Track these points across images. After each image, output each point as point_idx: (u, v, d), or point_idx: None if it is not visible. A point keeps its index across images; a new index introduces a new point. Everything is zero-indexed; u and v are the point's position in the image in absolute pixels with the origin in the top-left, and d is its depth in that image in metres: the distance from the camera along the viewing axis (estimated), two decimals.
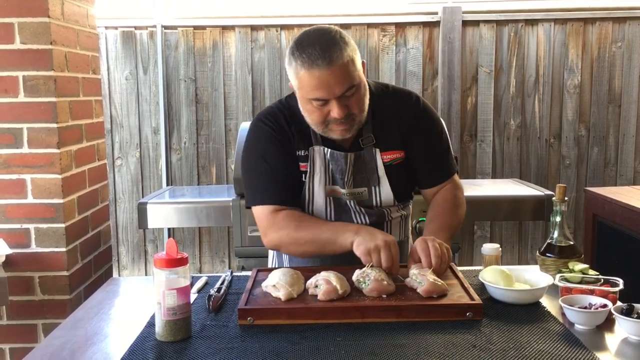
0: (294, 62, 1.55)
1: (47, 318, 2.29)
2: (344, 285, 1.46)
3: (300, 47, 1.54)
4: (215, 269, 3.71)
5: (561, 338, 1.27)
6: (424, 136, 1.75)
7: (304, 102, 1.60)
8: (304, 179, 1.70)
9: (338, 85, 1.52)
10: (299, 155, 1.70)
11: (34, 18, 2.16)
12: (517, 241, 3.72)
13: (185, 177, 3.68)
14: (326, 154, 1.69)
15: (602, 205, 2.92)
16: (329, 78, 1.51)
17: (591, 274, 1.51)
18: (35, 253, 2.26)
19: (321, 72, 1.50)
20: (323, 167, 1.70)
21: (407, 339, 1.27)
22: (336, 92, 1.53)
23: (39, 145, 2.21)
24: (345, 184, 1.70)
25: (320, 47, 1.51)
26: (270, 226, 1.68)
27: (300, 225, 1.65)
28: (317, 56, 1.50)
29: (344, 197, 1.72)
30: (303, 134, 1.70)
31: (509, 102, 3.65)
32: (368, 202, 1.73)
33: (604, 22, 3.59)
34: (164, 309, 1.28)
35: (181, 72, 3.61)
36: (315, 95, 1.54)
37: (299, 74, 1.54)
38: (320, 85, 1.52)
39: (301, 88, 1.57)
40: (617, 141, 3.67)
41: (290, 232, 1.65)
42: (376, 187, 1.72)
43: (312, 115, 1.60)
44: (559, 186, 1.67)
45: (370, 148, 1.71)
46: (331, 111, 1.55)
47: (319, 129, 1.63)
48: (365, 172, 1.71)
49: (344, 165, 1.69)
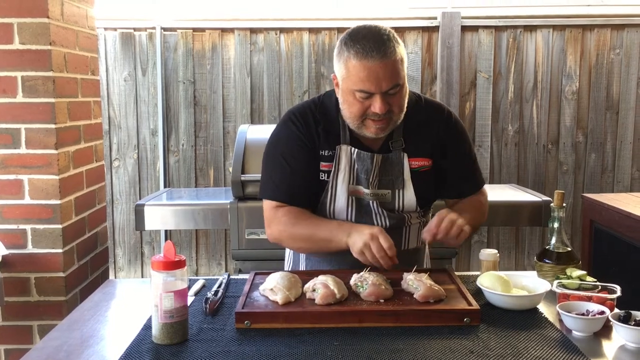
0: (346, 52, 1.57)
1: (43, 319, 2.28)
2: (341, 290, 1.46)
3: (354, 39, 1.56)
4: (212, 272, 3.70)
5: (558, 344, 1.27)
6: (455, 148, 1.79)
7: (346, 93, 1.62)
8: (326, 178, 1.72)
9: (386, 80, 1.55)
10: (322, 155, 1.72)
11: (33, 18, 2.15)
12: (514, 247, 3.72)
13: (183, 179, 3.67)
14: (353, 154, 1.71)
15: (599, 211, 2.93)
16: (379, 71, 1.54)
17: (589, 280, 1.51)
18: (31, 254, 2.25)
19: (373, 64, 1.53)
20: (348, 166, 1.71)
21: (404, 344, 1.27)
22: (383, 87, 1.56)
23: (36, 145, 2.21)
24: (369, 185, 1.71)
25: (375, 40, 1.54)
26: (271, 220, 1.73)
27: (297, 222, 1.68)
28: (372, 48, 1.53)
29: (366, 197, 1.73)
30: (330, 133, 1.72)
31: (507, 107, 3.65)
32: (390, 205, 1.74)
33: (603, 29, 3.60)
34: (161, 312, 1.28)
35: (180, 74, 3.61)
36: (363, 87, 1.56)
37: (349, 63, 1.56)
38: (370, 77, 1.54)
39: (348, 78, 1.58)
40: (614, 148, 3.68)
41: (288, 228, 1.69)
42: (400, 190, 1.73)
43: (351, 107, 1.61)
44: (557, 192, 1.67)
45: (399, 152, 1.73)
46: (372, 106, 1.58)
47: (355, 123, 1.64)
48: (391, 174, 1.73)
49: (370, 165, 1.70)
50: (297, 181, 1.72)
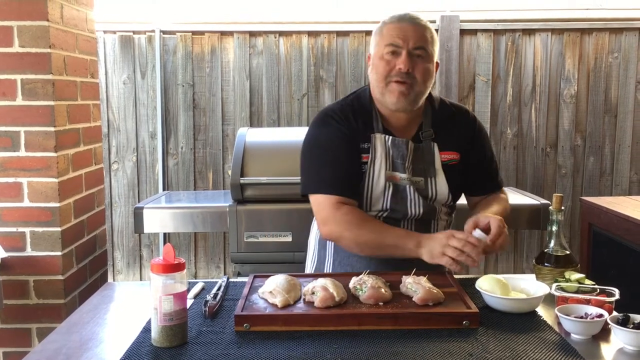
0: (383, 23, 1.78)
1: (42, 322, 2.28)
2: (340, 293, 1.46)
3: (392, 15, 1.78)
4: (210, 275, 3.70)
5: (557, 347, 1.27)
6: (480, 148, 1.89)
7: (377, 58, 1.75)
8: (365, 168, 1.78)
9: (414, 39, 1.71)
10: (362, 147, 1.78)
11: (33, 21, 2.16)
12: (513, 250, 3.72)
13: (182, 182, 3.67)
14: (387, 141, 1.78)
15: (597, 214, 2.93)
16: (409, 30, 1.72)
17: (587, 283, 1.51)
18: (30, 257, 2.25)
19: (404, 25, 1.73)
20: (384, 153, 1.77)
21: (403, 347, 1.27)
22: (410, 44, 1.71)
23: (36, 148, 2.21)
24: (405, 169, 1.78)
25: (411, 14, 1.77)
26: (331, 218, 1.74)
27: (362, 225, 1.72)
28: (407, 16, 1.76)
29: (403, 182, 1.78)
30: (367, 125, 1.80)
31: (506, 111, 3.66)
32: (424, 192, 1.80)
33: (601, 33, 3.61)
34: (161, 315, 1.28)
35: (179, 77, 3.61)
36: (392, 41, 1.71)
37: (384, 27, 1.76)
38: (399, 33, 1.72)
39: (381, 41, 1.75)
40: (612, 151, 3.68)
41: (353, 229, 1.71)
42: (433, 178, 1.80)
43: (378, 68, 1.74)
44: (555, 196, 1.68)
45: (429, 142, 1.81)
46: (397, 63, 1.70)
47: (381, 86, 1.74)
48: (423, 163, 1.80)
49: (405, 150, 1.78)
50: (346, 174, 1.77)
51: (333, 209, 1.74)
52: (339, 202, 1.74)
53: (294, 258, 2.72)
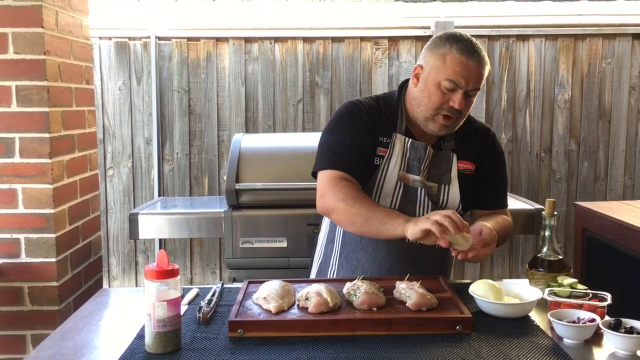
0: (448, 46, 1.72)
1: (36, 329, 2.28)
2: (334, 298, 1.46)
3: (456, 39, 1.73)
4: (206, 281, 3.70)
5: (550, 352, 1.28)
6: (494, 164, 1.92)
7: (431, 84, 1.73)
8: (380, 163, 1.80)
9: (474, 80, 1.72)
10: (381, 141, 1.81)
11: (28, 28, 2.16)
12: (508, 254, 3.73)
13: (178, 188, 3.67)
14: (407, 143, 1.81)
15: (591, 219, 2.94)
16: (473, 71, 1.71)
17: (580, 288, 1.52)
18: (25, 263, 2.25)
19: (472, 63, 1.70)
20: (401, 153, 1.80)
21: (396, 352, 1.27)
22: (470, 85, 1.71)
23: (30, 155, 2.21)
24: (420, 172, 1.80)
25: (477, 47, 1.74)
26: (328, 189, 1.76)
27: (357, 198, 1.72)
28: (474, 51, 1.72)
29: (415, 184, 1.80)
30: (390, 122, 1.83)
31: (501, 116, 3.68)
32: (435, 198, 1.82)
33: (594, 38, 3.63)
34: (154, 321, 1.28)
35: (174, 83, 3.61)
36: (455, 79, 1.70)
37: (448, 56, 1.71)
38: (465, 72, 1.70)
39: (442, 68, 1.71)
40: (607, 156, 3.70)
41: (348, 201, 1.71)
42: (447, 185, 1.83)
43: (432, 97, 1.73)
44: (548, 201, 1.69)
45: (449, 151, 1.84)
46: (452, 100, 1.71)
47: (428, 114, 1.75)
48: (440, 169, 1.83)
49: (423, 154, 1.80)
50: (357, 156, 1.79)
51: (332, 183, 1.76)
52: (340, 177, 1.77)
53: (289, 264, 2.73)
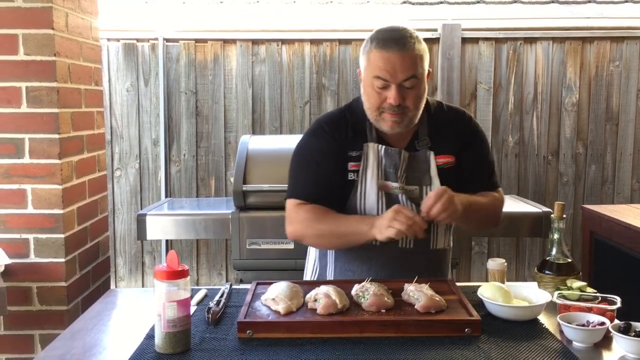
0: (370, 44, 1.70)
1: (45, 329, 2.28)
2: (343, 300, 1.46)
3: (379, 34, 1.71)
4: (212, 282, 3.70)
5: (559, 355, 1.28)
6: (476, 149, 1.86)
7: (366, 84, 1.71)
8: (355, 177, 1.78)
9: (402, 71, 1.64)
10: (351, 156, 1.78)
11: (38, 30, 2.17)
12: (515, 257, 3.72)
13: (184, 189, 3.68)
14: (380, 150, 1.78)
15: (599, 223, 2.93)
16: (396, 61, 1.64)
17: (589, 291, 1.52)
18: (34, 263, 2.26)
19: (391, 54, 1.64)
20: (376, 162, 1.77)
21: (405, 354, 1.27)
22: (399, 77, 1.65)
23: (40, 155, 2.22)
24: (398, 179, 1.77)
25: (397, 35, 1.69)
26: (294, 216, 1.78)
27: (320, 218, 1.73)
28: (392, 40, 1.66)
29: (395, 191, 1.78)
30: (359, 134, 1.79)
31: (508, 119, 3.67)
32: (418, 200, 1.79)
33: (602, 41, 3.62)
34: (164, 321, 1.29)
35: (182, 85, 3.63)
36: (380, 74, 1.65)
37: (370, 54, 1.68)
38: (387, 65, 1.64)
39: (368, 67, 1.69)
40: (614, 159, 3.69)
41: (312, 224, 1.74)
42: (428, 187, 1.79)
43: (370, 98, 1.71)
44: (557, 204, 1.68)
45: (425, 150, 1.80)
46: (388, 97, 1.66)
47: (373, 115, 1.72)
48: (418, 171, 1.80)
49: (398, 160, 1.77)
50: (323, 182, 1.78)
51: (294, 211, 1.77)
52: (301, 203, 1.77)
53: (295, 265, 2.73)
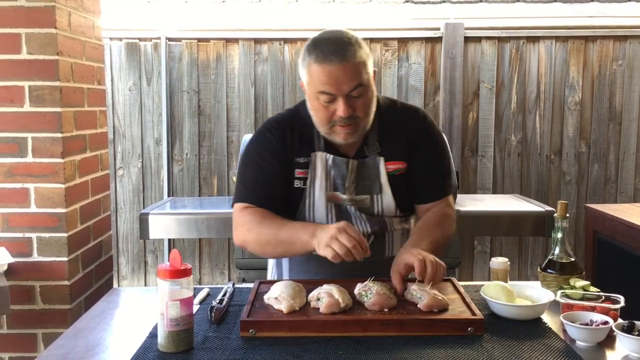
0: (308, 57, 1.60)
1: (48, 327, 2.29)
2: (346, 299, 1.46)
3: (315, 44, 1.60)
4: (215, 281, 3.71)
5: (562, 354, 1.27)
6: (426, 151, 1.77)
7: (312, 99, 1.63)
8: (302, 185, 1.72)
9: (347, 82, 1.56)
10: (298, 162, 1.72)
11: (41, 29, 2.18)
12: (517, 257, 3.72)
13: (187, 188, 3.69)
14: (328, 160, 1.71)
15: (602, 222, 2.93)
16: (339, 73, 1.55)
17: (592, 290, 1.51)
18: (37, 262, 2.26)
19: (332, 67, 1.55)
20: (324, 172, 1.71)
21: (408, 354, 1.27)
22: (344, 89, 1.56)
23: (43, 154, 2.23)
24: (346, 190, 1.71)
25: (335, 44, 1.57)
26: (238, 222, 1.71)
27: (261, 222, 1.66)
28: (331, 52, 1.56)
29: (344, 203, 1.72)
30: (306, 141, 1.72)
31: (510, 118, 3.67)
32: (370, 210, 1.74)
33: (605, 40, 3.62)
34: (167, 320, 1.29)
35: (184, 84, 3.63)
36: (324, 89, 1.57)
37: (311, 68, 1.59)
38: (330, 79, 1.55)
39: (311, 82, 1.60)
40: (617, 158, 3.68)
41: (253, 227, 1.66)
42: (378, 195, 1.73)
43: (318, 113, 1.63)
44: (560, 203, 1.68)
45: (375, 156, 1.72)
46: (337, 110, 1.58)
47: (324, 129, 1.65)
48: (368, 179, 1.72)
49: (345, 171, 1.71)
50: (267, 185, 1.71)
51: (239, 215, 1.71)
52: (245, 207, 1.71)
53: None
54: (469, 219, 2.83)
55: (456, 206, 2.80)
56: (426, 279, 1.49)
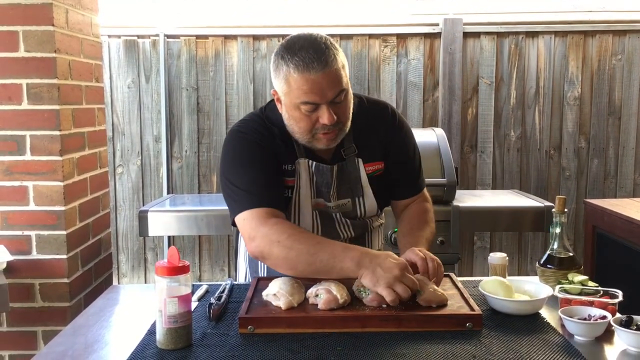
0: (285, 66, 1.50)
1: (47, 325, 2.29)
2: (344, 295, 1.46)
3: (292, 51, 1.50)
4: (214, 278, 3.71)
5: (560, 349, 1.27)
6: (400, 148, 1.77)
7: (291, 109, 1.54)
8: (290, 194, 1.66)
9: (331, 89, 1.50)
10: (285, 169, 1.65)
11: (38, 26, 2.17)
12: (517, 252, 3.72)
13: (186, 186, 3.69)
14: (311, 167, 1.66)
15: (601, 217, 2.93)
16: (323, 82, 1.48)
17: (591, 285, 1.51)
18: (36, 260, 2.27)
19: (315, 76, 1.47)
20: (308, 180, 1.66)
21: (407, 349, 1.27)
22: (329, 97, 1.50)
23: (41, 152, 2.23)
24: (330, 197, 1.69)
25: (314, 50, 1.48)
26: (258, 232, 1.52)
27: (294, 236, 1.50)
28: (312, 59, 1.47)
29: (329, 209, 1.70)
30: (287, 147, 1.65)
31: (509, 113, 3.66)
32: (352, 213, 1.72)
33: (604, 35, 3.61)
34: (165, 317, 1.29)
35: (183, 81, 3.62)
36: (308, 99, 1.50)
37: (290, 78, 1.50)
38: (314, 88, 1.48)
39: (290, 93, 1.52)
40: (616, 153, 3.68)
41: (285, 243, 1.48)
42: (360, 197, 1.71)
43: (299, 123, 1.55)
44: (558, 198, 1.68)
45: (353, 158, 1.69)
46: (320, 117, 1.52)
47: (305, 138, 1.58)
48: (349, 182, 1.70)
49: (330, 178, 1.67)
50: (275, 187, 1.61)
51: (259, 223, 1.52)
52: (266, 214, 1.54)
53: None
54: (468, 215, 2.83)
55: (455, 202, 2.85)
56: (430, 275, 1.50)
